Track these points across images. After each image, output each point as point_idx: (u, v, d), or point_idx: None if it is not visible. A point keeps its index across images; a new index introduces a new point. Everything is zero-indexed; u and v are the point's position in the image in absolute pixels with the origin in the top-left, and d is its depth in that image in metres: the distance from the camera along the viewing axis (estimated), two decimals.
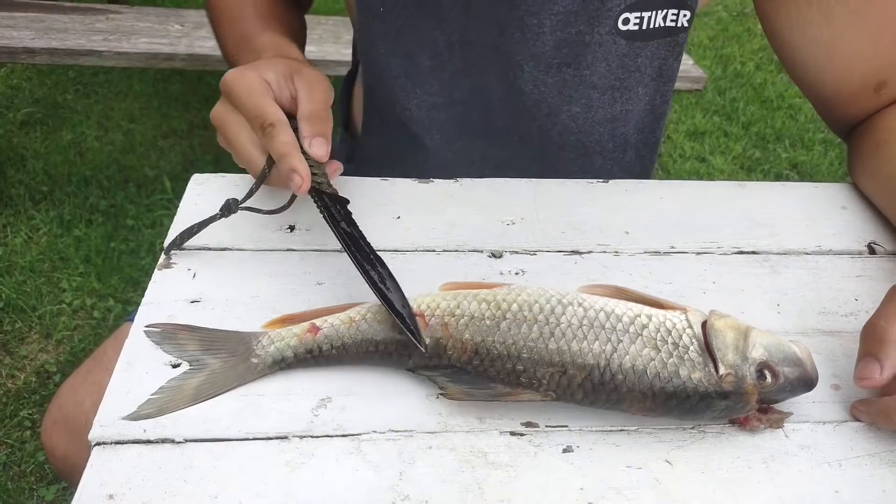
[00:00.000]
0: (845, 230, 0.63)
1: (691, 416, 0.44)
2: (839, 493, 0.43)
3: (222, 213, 0.54)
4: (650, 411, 0.44)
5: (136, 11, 1.86)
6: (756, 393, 0.43)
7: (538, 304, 0.46)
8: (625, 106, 0.72)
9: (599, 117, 0.72)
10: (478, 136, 0.74)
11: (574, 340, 0.44)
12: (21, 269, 1.63)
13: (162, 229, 1.76)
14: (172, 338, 0.48)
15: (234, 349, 0.47)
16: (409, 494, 0.41)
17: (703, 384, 0.43)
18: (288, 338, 0.47)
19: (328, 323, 0.47)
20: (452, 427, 0.45)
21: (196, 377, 0.46)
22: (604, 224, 0.61)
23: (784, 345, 0.45)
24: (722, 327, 0.45)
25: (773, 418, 0.45)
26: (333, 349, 0.46)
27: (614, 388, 0.43)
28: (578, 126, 0.72)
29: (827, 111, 0.70)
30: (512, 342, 0.44)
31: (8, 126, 2.06)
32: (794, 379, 0.44)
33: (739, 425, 0.46)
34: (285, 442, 0.43)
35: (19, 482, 1.26)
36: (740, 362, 0.43)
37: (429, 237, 0.59)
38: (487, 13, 0.66)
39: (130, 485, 0.40)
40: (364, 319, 0.47)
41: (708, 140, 2.34)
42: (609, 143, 0.75)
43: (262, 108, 0.51)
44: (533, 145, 0.74)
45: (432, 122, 0.73)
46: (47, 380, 1.42)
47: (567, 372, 0.43)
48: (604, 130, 0.74)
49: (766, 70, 2.71)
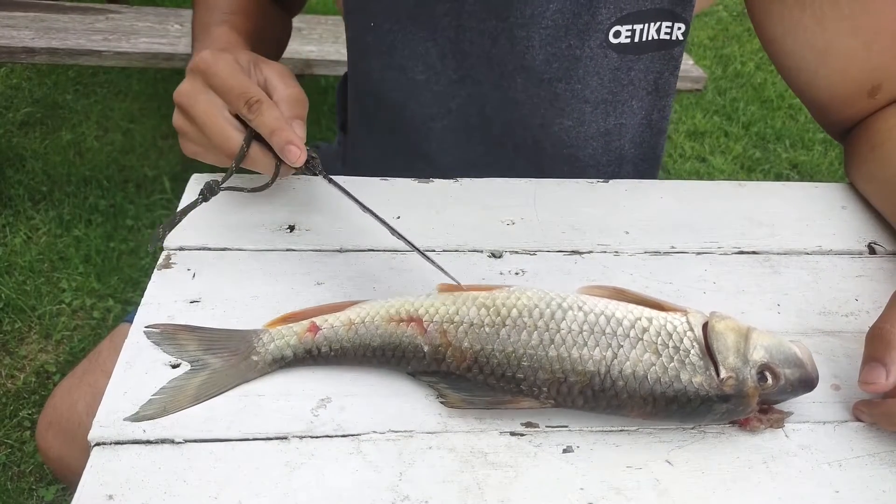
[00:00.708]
0: (845, 230, 0.63)
1: (692, 419, 0.44)
2: (839, 493, 0.43)
3: (203, 197, 0.53)
4: (651, 416, 0.44)
5: (136, 11, 1.86)
6: (757, 395, 0.43)
7: (538, 309, 0.45)
8: (619, 120, 0.72)
9: (592, 131, 0.72)
10: (474, 143, 0.74)
11: (574, 347, 0.44)
12: (21, 269, 1.63)
13: None
14: (173, 338, 0.48)
15: (235, 348, 0.47)
16: (409, 495, 0.41)
17: (705, 388, 0.43)
18: (288, 336, 0.47)
19: (328, 323, 0.47)
20: (452, 427, 0.45)
21: (198, 377, 0.46)
22: (604, 224, 0.61)
23: (784, 345, 0.45)
24: (723, 329, 0.45)
25: (774, 418, 0.45)
26: (332, 351, 0.46)
27: (615, 395, 0.43)
28: (571, 139, 0.72)
29: (822, 115, 0.70)
30: (511, 350, 0.44)
31: (7, 126, 2.06)
32: (794, 380, 0.44)
33: (740, 426, 0.46)
34: (285, 442, 0.43)
35: (19, 482, 1.26)
36: (741, 365, 0.43)
37: (428, 237, 0.59)
38: (479, 24, 0.66)
39: (130, 485, 0.40)
40: (363, 323, 0.47)
41: (708, 140, 2.34)
42: (603, 157, 0.74)
43: (246, 87, 0.51)
44: (528, 155, 0.74)
45: (429, 131, 0.73)
46: (47, 380, 1.42)
47: (567, 379, 0.43)
48: (597, 144, 0.73)
49: (767, 70, 2.71)
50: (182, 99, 0.52)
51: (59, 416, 0.67)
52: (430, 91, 0.70)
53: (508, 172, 0.67)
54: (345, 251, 0.57)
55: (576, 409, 0.45)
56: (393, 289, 0.53)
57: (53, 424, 0.68)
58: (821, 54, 0.64)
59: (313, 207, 0.61)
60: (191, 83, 0.52)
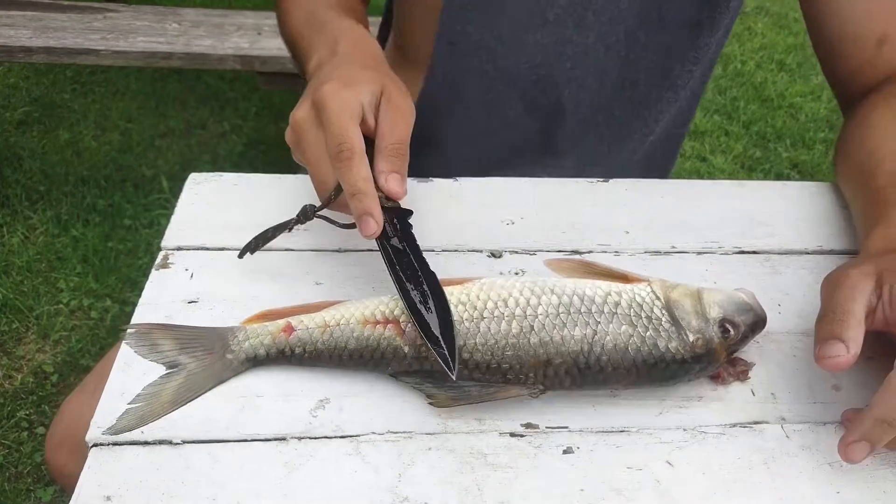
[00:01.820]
0: (845, 230, 0.62)
1: (672, 381, 0.47)
2: (840, 493, 0.43)
3: (298, 219, 0.51)
4: (634, 384, 0.46)
5: (134, 10, 1.86)
6: (724, 349, 0.46)
7: (512, 298, 0.46)
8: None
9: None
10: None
11: (555, 330, 0.45)
12: (18, 269, 1.63)
13: (160, 229, 1.76)
14: (147, 338, 0.46)
15: (209, 346, 0.46)
16: (409, 496, 0.41)
17: (680, 352, 0.45)
18: (263, 335, 0.46)
19: (303, 324, 0.46)
20: (452, 428, 0.44)
21: (173, 380, 0.45)
22: (604, 224, 0.61)
23: (733, 296, 0.48)
24: (678, 297, 0.47)
25: (739, 370, 0.49)
26: (306, 353, 0.46)
27: (600, 370, 0.44)
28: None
29: (830, 61, 0.70)
30: (494, 342, 0.45)
31: (5, 125, 2.05)
32: (750, 324, 0.47)
33: (713, 380, 0.48)
34: (284, 443, 0.43)
35: (16, 483, 1.26)
36: (704, 325, 0.46)
37: (428, 237, 0.58)
38: None
39: (128, 486, 0.40)
40: (338, 325, 0.46)
41: (708, 139, 2.34)
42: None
43: (344, 134, 0.47)
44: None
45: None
46: (44, 380, 1.42)
47: (553, 362, 0.44)
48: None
49: (767, 69, 2.71)
50: (296, 126, 0.50)
51: (72, 434, 0.64)
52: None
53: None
54: (344, 251, 0.56)
55: (563, 390, 0.45)
56: (392, 289, 0.53)
57: (66, 442, 0.66)
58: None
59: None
60: (306, 113, 0.50)
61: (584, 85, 0.73)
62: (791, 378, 0.49)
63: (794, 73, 2.72)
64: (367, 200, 0.46)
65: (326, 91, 0.49)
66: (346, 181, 0.47)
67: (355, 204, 0.47)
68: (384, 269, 0.55)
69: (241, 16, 1.90)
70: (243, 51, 1.72)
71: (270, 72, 1.74)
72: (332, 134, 0.47)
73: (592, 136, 0.77)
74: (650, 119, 0.77)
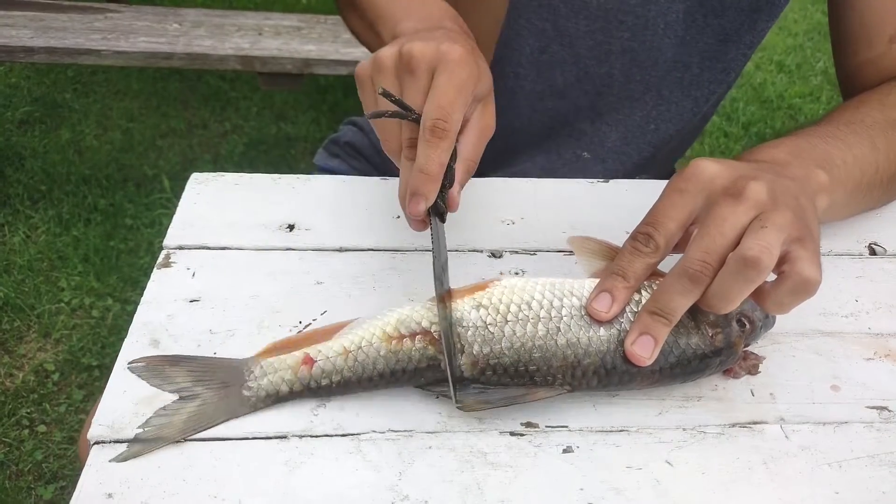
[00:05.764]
0: (845, 230, 0.63)
1: (694, 376, 0.47)
2: (839, 494, 0.43)
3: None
4: (657, 382, 0.46)
5: (135, 10, 1.86)
6: (741, 342, 0.47)
7: (535, 301, 0.46)
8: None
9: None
10: None
11: (581, 330, 0.44)
12: (20, 268, 1.63)
13: (161, 228, 1.76)
14: (159, 372, 0.45)
15: (225, 379, 0.44)
16: (409, 494, 0.41)
17: (701, 347, 0.45)
18: (282, 370, 0.44)
19: (322, 354, 0.44)
20: (452, 427, 0.45)
21: (186, 408, 0.43)
22: (604, 224, 0.61)
23: None
24: None
25: (750, 364, 0.49)
26: (333, 383, 0.44)
27: (626, 370, 0.44)
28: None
29: (843, 52, 0.70)
30: (520, 345, 0.44)
31: (6, 125, 2.06)
32: (762, 318, 0.47)
33: (726, 375, 0.49)
34: (285, 441, 0.43)
35: (17, 481, 1.26)
36: (722, 319, 0.46)
37: (429, 237, 0.58)
38: None
39: (129, 484, 0.40)
40: (360, 348, 0.44)
41: (708, 140, 2.34)
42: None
43: (450, 111, 0.45)
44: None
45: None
46: (45, 379, 1.42)
47: (581, 363, 0.44)
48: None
49: (766, 70, 2.72)
50: (378, 64, 0.48)
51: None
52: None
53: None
54: (345, 251, 0.57)
55: (590, 391, 0.45)
56: (393, 288, 0.53)
57: None
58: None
59: (313, 207, 0.60)
60: (394, 63, 0.47)
61: (636, 59, 0.72)
62: (790, 378, 0.49)
63: (793, 74, 2.73)
64: (431, 185, 0.45)
65: (454, 52, 0.46)
66: (425, 155, 0.45)
67: (419, 181, 0.45)
68: (384, 269, 0.55)
69: (241, 16, 1.91)
70: (244, 51, 1.73)
71: (270, 72, 1.74)
72: (436, 104, 0.45)
73: (639, 114, 0.77)
74: (701, 99, 0.77)
